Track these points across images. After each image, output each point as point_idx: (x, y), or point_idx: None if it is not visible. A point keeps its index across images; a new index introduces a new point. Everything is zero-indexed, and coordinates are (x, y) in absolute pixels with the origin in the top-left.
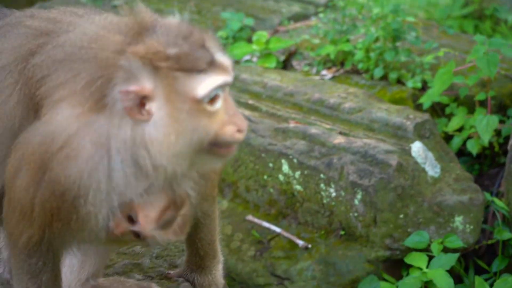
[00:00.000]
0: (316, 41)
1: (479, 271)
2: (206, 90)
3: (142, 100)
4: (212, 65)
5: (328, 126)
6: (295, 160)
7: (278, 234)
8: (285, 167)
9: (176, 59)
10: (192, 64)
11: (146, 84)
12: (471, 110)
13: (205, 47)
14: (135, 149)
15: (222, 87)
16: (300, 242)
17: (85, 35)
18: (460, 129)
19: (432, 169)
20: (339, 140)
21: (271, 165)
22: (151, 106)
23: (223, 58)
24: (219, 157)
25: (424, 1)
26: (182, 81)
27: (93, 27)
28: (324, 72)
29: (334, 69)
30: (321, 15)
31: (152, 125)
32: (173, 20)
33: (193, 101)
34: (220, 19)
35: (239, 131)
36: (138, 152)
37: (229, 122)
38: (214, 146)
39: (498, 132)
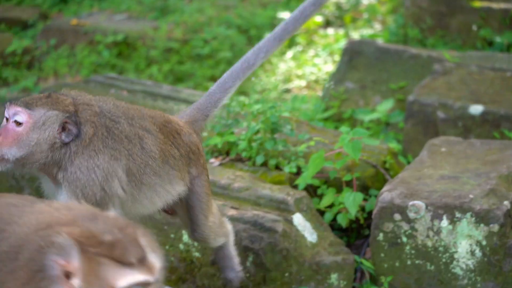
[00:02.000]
0: (204, 134)
1: None
2: (126, 283)
3: (67, 274)
4: (141, 263)
5: (221, 203)
6: None
7: None
8: (185, 237)
9: (109, 246)
10: (123, 256)
11: (73, 261)
12: (339, 191)
13: (138, 243)
14: None
15: (142, 285)
16: None
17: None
18: (330, 206)
19: (310, 235)
20: (232, 212)
21: (172, 235)
22: (75, 281)
23: (154, 259)
24: None
25: (289, 107)
26: (107, 268)
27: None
28: (212, 160)
29: (220, 157)
30: None
31: None
32: (112, 212)
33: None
34: None
35: None
36: None
37: None
38: None
39: (362, 208)
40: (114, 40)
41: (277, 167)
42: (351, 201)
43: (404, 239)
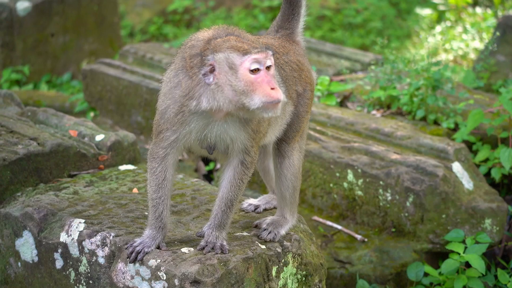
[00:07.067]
0: (368, 87)
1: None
2: None
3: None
4: None
5: (384, 148)
6: (359, 170)
7: (339, 231)
8: (350, 176)
9: None
10: None
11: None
12: (493, 147)
13: None
14: None
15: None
16: (358, 236)
17: None
18: (485, 161)
19: (467, 183)
20: (395, 156)
21: (337, 174)
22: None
23: None
24: None
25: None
26: None
27: None
28: (373, 112)
29: (381, 110)
30: (373, 67)
31: None
32: None
33: None
34: None
35: None
36: None
37: None
38: None
39: None
40: (269, 5)
41: (435, 122)
42: (507, 156)
43: None
